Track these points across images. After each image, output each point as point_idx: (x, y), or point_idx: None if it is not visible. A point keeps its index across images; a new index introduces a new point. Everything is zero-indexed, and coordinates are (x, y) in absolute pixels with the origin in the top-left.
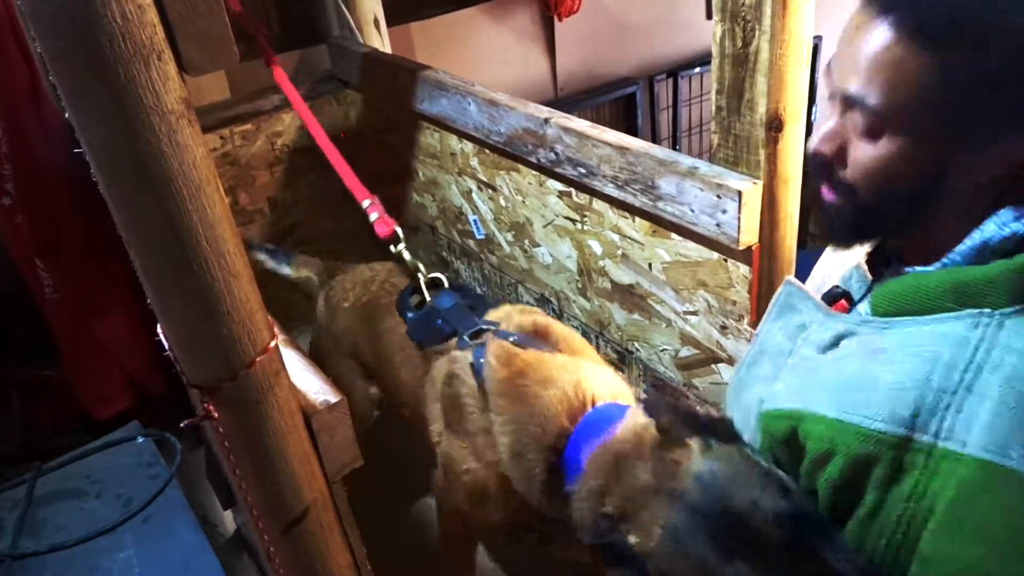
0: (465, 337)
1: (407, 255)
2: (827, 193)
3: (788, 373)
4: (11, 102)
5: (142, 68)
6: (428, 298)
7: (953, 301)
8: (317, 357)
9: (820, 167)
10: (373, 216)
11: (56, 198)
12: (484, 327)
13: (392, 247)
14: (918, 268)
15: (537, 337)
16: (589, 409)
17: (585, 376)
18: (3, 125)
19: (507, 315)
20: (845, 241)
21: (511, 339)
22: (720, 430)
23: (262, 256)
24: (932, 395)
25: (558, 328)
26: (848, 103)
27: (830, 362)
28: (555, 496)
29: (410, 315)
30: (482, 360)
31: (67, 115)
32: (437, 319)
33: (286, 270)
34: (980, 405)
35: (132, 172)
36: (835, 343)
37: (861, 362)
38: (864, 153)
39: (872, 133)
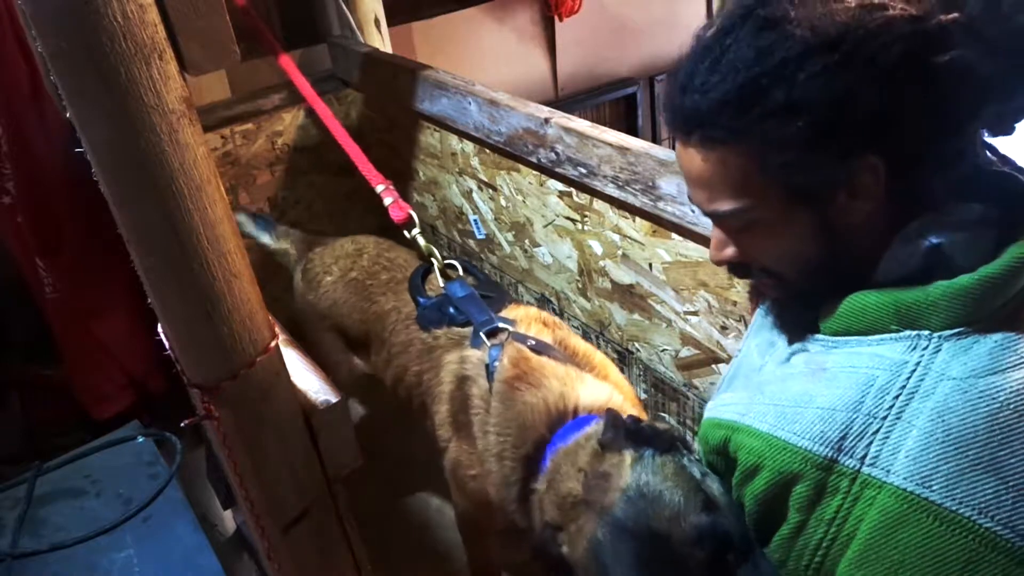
0: (481, 334)
1: (421, 240)
2: (762, 287)
3: (741, 386)
4: (11, 102)
5: (143, 67)
6: (442, 284)
7: (896, 322)
8: (293, 330)
9: (736, 270)
10: (388, 200)
11: (56, 197)
12: (500, 325)
13: (406, 232)
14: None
15: (556, 347)
16: (570, 419)
17: (575, 386)
18: (3, 124)
19: (528, 318)
20: (801, 315)
21: (529, 343)
22: (660, 442)
23: (242, 219)
24: (861, 419)
25: (578, 343)
26: (714, 217)
27: (778, 378)
28: (527, 506)
29: (422, 300)
30: (496, 363)
31: (68, 114)
32: (450, 307)
33: (266, 239)
34: (907, 434)
35: (133, 171)
36: (788, 359)
37: (802, 380)
38: (758, 243)
39: (748, 227)
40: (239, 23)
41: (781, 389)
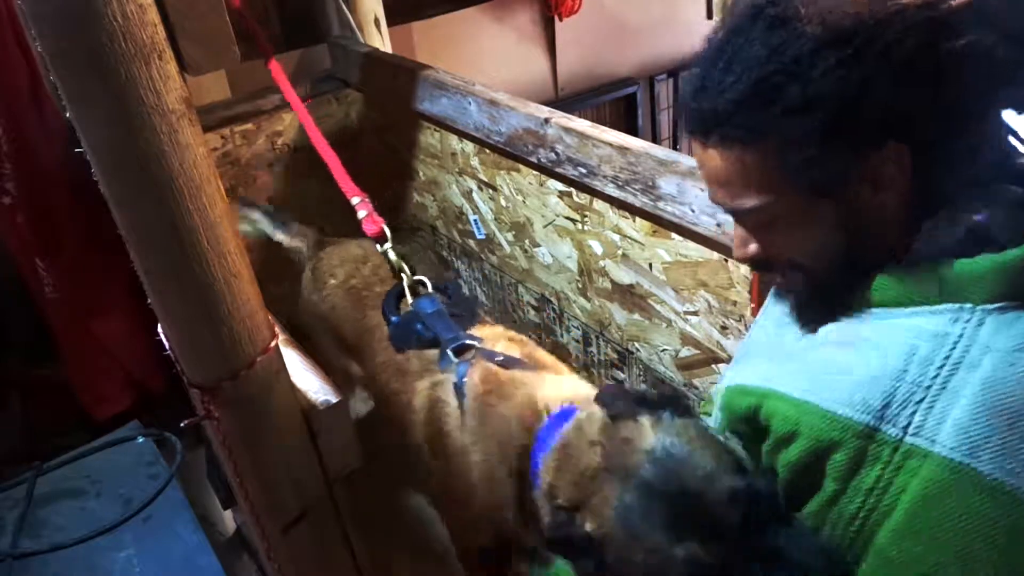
0: (448, 352)
1: (392, 255)
2: (783, 281)
3: (761, 356)
4: (11, 102)
5: (143, 67)
6: (410, 301)
7: (936, 294)
8: (298, 327)
9: (760, 265)
10: (361, 214)
11: (56, 197)
12: (468, 342)
13: (378, 246)
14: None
15: (523, 360)
16: (544, 421)
17: (536, 389)
18: (3, 125)
19: (494, 336)
20: (822, 313)
21: (497, 359)
22: (673, 405)
23: (258, 216)
24: (905, 388)
25: (544, 356)
26: (736, 215)
27: (805, 347)
28: (533, 519)
29: (393, 319)
30: (465, 380)
31: (68, 114)
32: (417, 324)
33: (280, 236)
34: (954, 403)
35: (133, 171)
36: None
37: (837, 349)
38: (782, 238)
39: (771, 223)
40: (235, 23)
41: (812, 357)
